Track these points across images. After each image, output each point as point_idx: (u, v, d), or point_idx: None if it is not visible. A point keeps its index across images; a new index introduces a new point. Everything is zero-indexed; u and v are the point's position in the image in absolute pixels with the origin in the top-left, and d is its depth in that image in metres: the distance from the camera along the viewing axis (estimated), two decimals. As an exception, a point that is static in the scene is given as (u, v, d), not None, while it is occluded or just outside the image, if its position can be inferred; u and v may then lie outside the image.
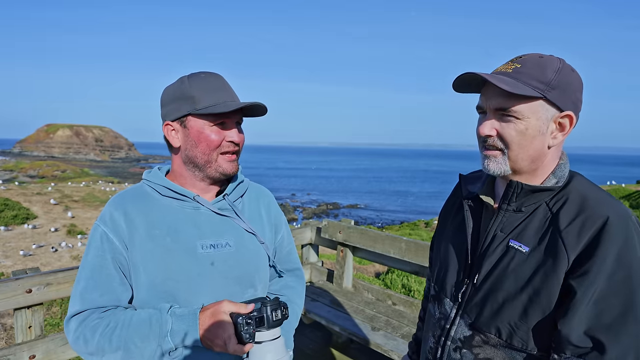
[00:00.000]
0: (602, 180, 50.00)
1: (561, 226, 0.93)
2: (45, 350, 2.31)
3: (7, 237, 13.62)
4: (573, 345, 0.87)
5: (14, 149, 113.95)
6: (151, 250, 1.14)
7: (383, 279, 6.46)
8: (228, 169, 1.20)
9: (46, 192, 22.23)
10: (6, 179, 47.81)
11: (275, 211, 1.41)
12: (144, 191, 1.22)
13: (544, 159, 0.99)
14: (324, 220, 4.10)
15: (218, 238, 1.20)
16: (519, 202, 1.00)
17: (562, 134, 0.97)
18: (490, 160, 0.99)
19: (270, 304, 1.04)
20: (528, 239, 0.97)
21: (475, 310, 1.03)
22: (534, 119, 0.93)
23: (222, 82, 1.18)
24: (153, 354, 1.06)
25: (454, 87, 1.02)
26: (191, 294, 1.15)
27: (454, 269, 1.12)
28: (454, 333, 1.08)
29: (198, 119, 1.15)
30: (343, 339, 3.60)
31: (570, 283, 0.89)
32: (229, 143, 1.18)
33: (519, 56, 0.97)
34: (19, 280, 2.22)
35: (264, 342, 1.02)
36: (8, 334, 4.42)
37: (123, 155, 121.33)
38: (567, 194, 0.97)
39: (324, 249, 7.31)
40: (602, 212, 0.90)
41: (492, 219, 1.04)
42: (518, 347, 0.96)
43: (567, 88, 0.93)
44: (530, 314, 0.93)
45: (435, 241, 1.29)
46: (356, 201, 46.04)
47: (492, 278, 1.00)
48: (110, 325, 1.09)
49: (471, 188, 1.15)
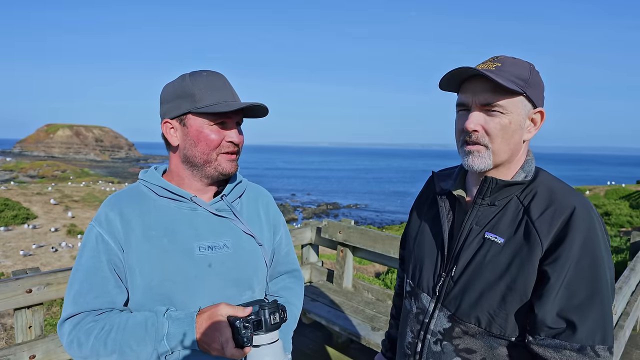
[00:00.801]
0: (602, 180, 49.95)
1: (534, 216, 0.99)
2: (45, 350, 2.31)
3: (7, 237, 13.62)
4: (547, 327, 0.94)
5: (14, 149, 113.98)
6: (147, 251, 1.12)
7: (383, 279, 6.47)
8: (228, 169, 1.18)
9: (46, 192, 22.22)
10: (6, 179, 47.79)
11: (273, 212, 1.39)
12: (141, 191, 1.20)
13: (519, 153, 1.06)
14: (324, 220, 4.10)
15: (215, 239, 1.18)
16: (493, 197, 1.05)
17: (535, 128, 1.05)
18: (475, 156, 1.03)
19: (268, 307, 1.02)
20: (502, 231, 1.02)
21: (455, 302, 1.06)
22: (516, 114, 1.00)
23: (224, 81, 1.17)
24: (149, 357, 1.04)
25: (441, 84, 1.05)
26: (188, 296, 1.13)
27: (431, 263, 1.15)
28: (434, 326, 1.10)
29: (198, 117, 1.13)
30: (343, 339, 3.60)
31: (545, 269, 0.95)
32: (228, 143, 1.16)
33: (495, 57, 1.03)
34: (19, 280, 2.22)
35: (261, 345, 1.01)
36: (8, 334, 4.42)
37: (123, 155, 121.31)
38: (536, 187, 1.04)
39: (324, 249, 7.31)
40: (569, 202, 0.98)
41: (468, 213, 1.08)
42: (497, 334, 1.01)
43: (538, 87, 1.01)
44: (508, 301, 0.98)
45: (408, 238, 1.32)
46: (356, 201, 46.05)
47: (469, 270, 1.04)
48: (105, 329, 1.07)
49: (444, 185, 1.18)
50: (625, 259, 6.60)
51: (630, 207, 18.70)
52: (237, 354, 1.01)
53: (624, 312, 2.88)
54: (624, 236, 11.54)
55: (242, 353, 1.01)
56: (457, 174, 1.19)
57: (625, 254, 7.21)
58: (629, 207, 18.69)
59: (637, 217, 16.69)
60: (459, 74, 1.01)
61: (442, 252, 1.12)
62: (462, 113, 1.05)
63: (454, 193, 1.15)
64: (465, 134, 1.03)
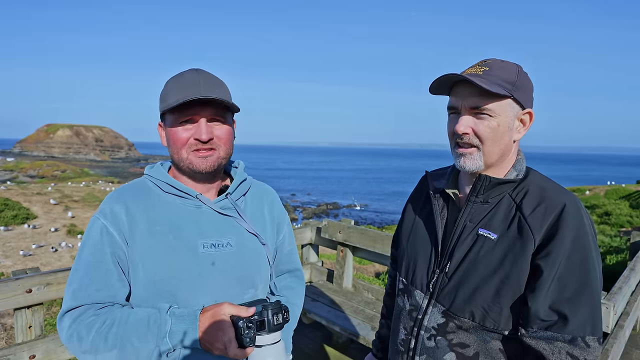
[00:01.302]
0: (602, 180, 49.94)
1: (526, 213, 1.02)
2: (45, 350, 2.31)
3: (7, 237, 13.62)
4: (540, 319, 0.97)
5: (14, 149, 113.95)
6: (152, 247, 1.12)
7: (383, 279, 6.47)
8: (198, 165, 1.15)
9: (46, 192, 22.22)
10: (5, 179, 47.80)
11: (278, 210, 1.39)
12: (146, 186, 1.20)
13: (510, 153, 1.09)
14: (324, 220, 4.10)
15: (219, 238, 1.18)
16: (486, 195, 1.09)
17: (524, 128, 1.08)
18: (466, 158, 1.06)
19: (271, 308, 1.02)
20: (495, 227, 1.05)
21: (449, 297, 1.09)
22: (504, 116, 1.03)
23: (195, 78, 1.13)
24: (150, 354, 1.03)
25: (431, 89, 1.09)
26: (191, 294, 1.13)
27: (424, 260, 1.17)
28: (427, 322, 1.13)
29: (170, 116, 1.14)
30: (343, 339, 3.60)
31: (538, 263, 0.98)
32: (195, 141, 1.13)
33: (484, 60, 1.06)
34: (19, 280, 2.22)
35: (264, 346, 1.01)
36: (8, 334, 4.42)
37: (123, 155, 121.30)
38: (527, 185, 1.07)
39: (324, 249, 7.31)
40: (560, 199, 1.02)
41: (462, 211, 1.11)
42: (490, 327, 1.04)
43: (526, 89, 1.05)
44: (502, 295, 1.01)
45: (401, 237, 1.34)
46: (356, 201, 46.03)
47: (464, 265, 1.07)
48: (107, 323, 1.05)
49: (437, 184, 1.22)
50: (625, 259, 6.60)
51: (630, 207, 18.69)
52: (240, 354, 1.01)
53: (624, 312, 2.88)
54: (624, 236, 11.55)
55: (244, 353, 1.01)
56: (450, 173, 1.22)
57: (625, 254, 7.21)
58: (629, 207, 18.69)
59: (637, 217, 16.69)
60: (448, 79, 1.04)
61: (436, 249, 1.15)
62: (453, 116, 1.09)
63: (448, 191, 1.17)
64: (456, 136, 1.06)
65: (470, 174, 1.11)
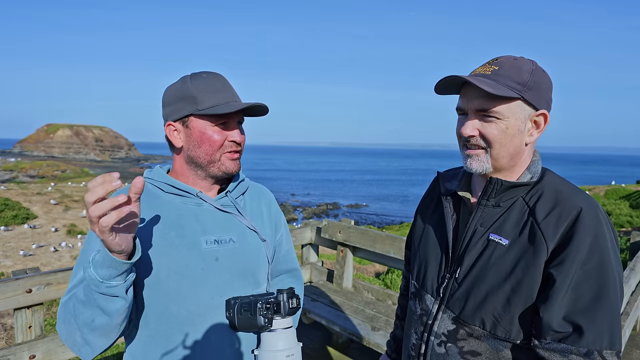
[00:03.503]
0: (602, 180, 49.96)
1: (539, 218, 0.97)
2: (45, 350, 2.31)
3: (7, 237, 13.62)
4: (553, 330, 0.92)
5: (14, 149, 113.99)
6: (155, 243, 1.13)
7: (383, 279, 6.47)
8: (231, 168, 1.21)
9: (46, 192, 22.23)
10: (5, 179, 47.80)
11: (275, 210, 1.42)
12: (146, 188, 1.22)
13: (522, 156, 1.04)
14: (324, 220, 4.10)
15: (221, 234, 1.20)
16: (497, 198, 1.04)
17: (538, 131, 1.02)
18: (473, 159, 1.03)
19: (286, 292, 1.04)
20: (507, 232, 1.01)
21: (459, 304, 1.05)
22: (513, 119, 0.98)
23: (224, 82, 1.18)
24: (101, 312, 0.95)
25: (436, 89, 1.05)
26: (196, 290, 1.15)
27: (435, 264, 1.14)
28: (437, 328, 1.10)
29: (200, 119, 1.15)
30: (343, 339, 3.60)
31: (550, 272, 0.93)
32: (231, 143, 1.19)
33: (495, 58, 1.01)
34: (19, 280, 2.23)
35: (278, 329, 1.02)
36: (8, 334, 4.42)
37: (123, 155, 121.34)
38: (542, 188, 1.02)
39: (324, 249, 7.31)
40: (576, 203, 0.96)
41: (472, 215, 1.07)
42: (502, 336, 1.00)
43: (540, 88, 0.98)
44: (513, 303, 0.97)
45: (413, 239, 1.31)
46: (356, 201, 46.03)
47: (474, 272, 1.03)
48: (71, 297, 1.02)
49: (449, 185, 1.18)
50: (625, 259, 6.60)
51: (630, 207, 18.68)
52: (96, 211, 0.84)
53: (624, 312, 2.88)
54: (624, 236, 11.53)
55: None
56: (462, 174, 1.18)
57: (625, 254, 7.21)
58: (629, 207, 18.68)
59: (637, 217, 16.68)
60: (453, 80, 1.00)
61: (447, 253, 1.11)
62: (461, 117, 1.06)
63: (459, 194, 1.14)
64: (464, 138, 1.04)
65: (482, 176, 1.07)
